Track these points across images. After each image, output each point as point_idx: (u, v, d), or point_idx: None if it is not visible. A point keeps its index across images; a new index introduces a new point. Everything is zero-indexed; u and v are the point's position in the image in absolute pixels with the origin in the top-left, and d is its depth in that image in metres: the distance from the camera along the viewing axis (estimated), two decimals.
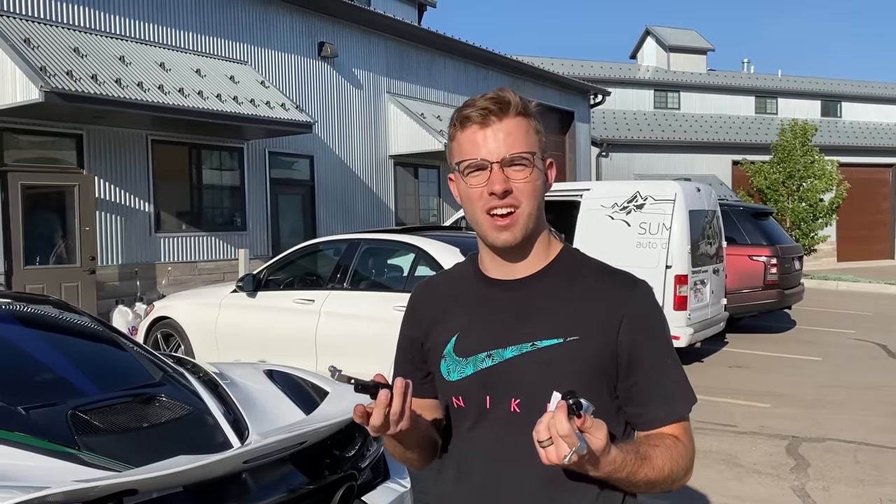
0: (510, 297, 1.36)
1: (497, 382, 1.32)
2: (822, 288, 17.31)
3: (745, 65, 33.54)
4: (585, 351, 1.29)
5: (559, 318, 1.31)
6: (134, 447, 2.47)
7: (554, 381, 1.25)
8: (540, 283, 1.36)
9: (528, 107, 1.35)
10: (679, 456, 1.28)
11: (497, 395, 1.32)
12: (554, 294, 1.34)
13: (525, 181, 1.31)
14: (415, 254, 6.26)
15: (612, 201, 8.43)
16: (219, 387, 2.97)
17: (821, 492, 4.67)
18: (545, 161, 1.37)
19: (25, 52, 8.81)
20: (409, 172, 16.21)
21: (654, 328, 1.34)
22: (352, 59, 14.64)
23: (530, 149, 1.32)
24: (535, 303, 1.34)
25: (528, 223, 1.33)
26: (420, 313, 1.49)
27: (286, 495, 2.46)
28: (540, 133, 1.35)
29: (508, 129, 1.31)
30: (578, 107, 22.55)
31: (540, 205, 1.35)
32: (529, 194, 1.32)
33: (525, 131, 1.32)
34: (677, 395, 1.34)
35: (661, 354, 1.34)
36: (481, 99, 1.32)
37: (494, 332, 1.34)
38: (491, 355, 1.33)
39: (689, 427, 1.35)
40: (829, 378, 8.04)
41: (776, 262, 10.47)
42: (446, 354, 1.39)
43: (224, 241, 12.19)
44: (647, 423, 1.32)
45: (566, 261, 1.39)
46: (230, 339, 6.79)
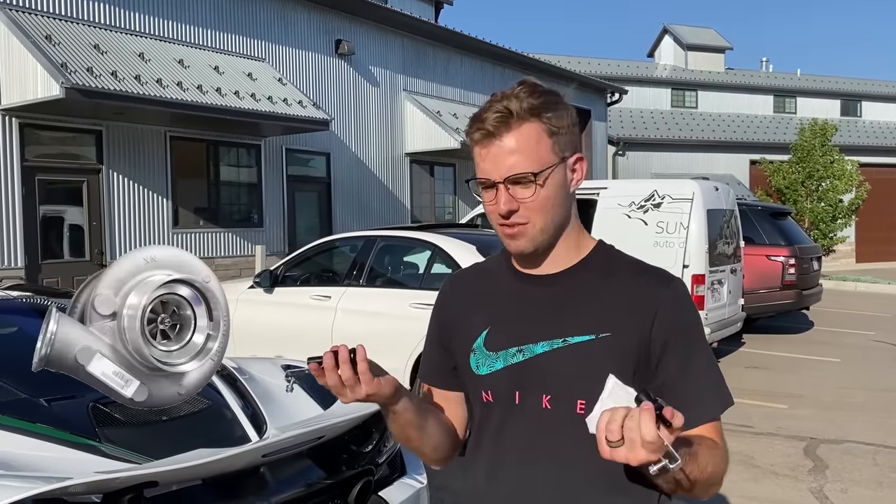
0: (542, 293, 1.34)
1: (527, 378, 1.30)
2: (840, 289, 17.15)
3: (764, 63, 33.28)
4: (618, 348, 1.26)
5: (591, 314, 1.29)
6: (153, 440, 2.49)
7: (585, 378, 1.24)
8: (572, 278, 1.33)
9: (543, 102, 1.26)
10: (719, 458, 1.24)
11: (527, 390, 1.31)
12: (586, 290, 1.31)
13: (531, 199, 1.26)
14: (431, 251, 6.27)
15: (630, 200, 8.39)
16: (237, 381, 2.99)
17: (839, 494, 4.63)
18: (566, 160, 1.29)
19: (47, 49, 8.90)
20: (425, 170, 16.21)
21: (686, 327, 1.30)
22: (368, 56, 14.66)
23: (538, 161, 1.25)
24: (568, 298, 1.32)
25: (540, 236, 1.30)
26: (450, 305, 1.47)
27: (304, 490, 2.48)
28: (558, 132, 1.27)
29: (512, 146, 1.25)
30: (595, 105, 22.46)
31: (557, 212, 1.30)
32: (538, 210, 1.28)
33: (533, 140, 1.26)
34: (709, 395, 1.29)
35: (694, 353, 1.29)
36: (488, 112, 1.27)
37: (525, 327, 1.32)
38: (521, 350, 1.31)
39: (722, 429, 1.31)
40: (848, 380, 7.97)
41: (794, 263, 10.39)
42: (476, 348, 1.37)
43: (241, 238, 12.26)
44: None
45: (600, 257, 1.36)
46: (247, 334, 6.83)
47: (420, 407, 1.39)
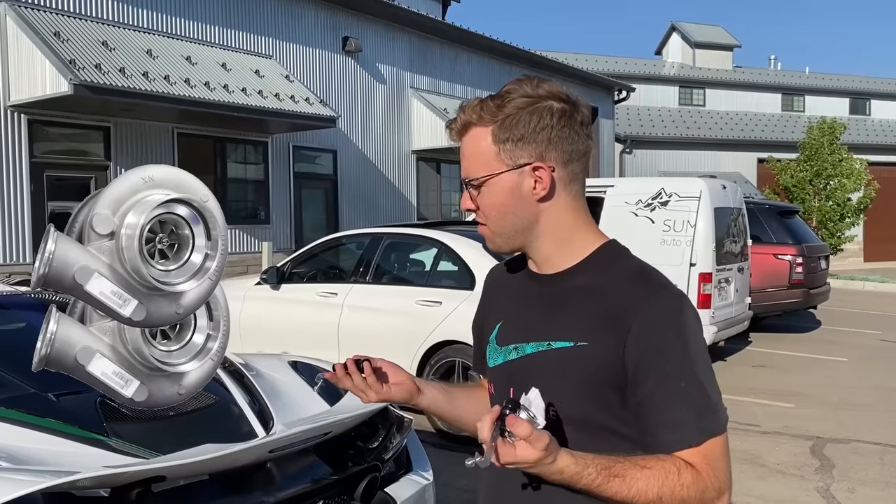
0: (541, 292, 1.34)
1: (517, 376, 1.32)
2: (848, 288, 17.07)
3: (772, 61, 33.15)
4: (591, 359, 1.22)
5: (575, 319, 1.26)
6: (161, 435, 2.50)
7: (561, 383, 1.24)
8: (570, 280, 1.31)
9: (495, 111, 1.25)
10: (680, 484, 1.15)
11: (518, 388, 1.30)
12: (577, 294, 1.29)
13: (483, 201, 1.31)
14: (437, 248, 6.27)
15: (637, 198, 8.36)
16: (244, 377, 3.00)
17: (846, 493, 4.61)
18: (520, 167, 1.25)
19: (55, 46, 8.93)
20: (432, 167, 16.21)
21: (665, 344, 1.20)
22: (376, 53, 14.66)
23: (484, 167, 1.27)
24: (560, 300, 1.30)
25: (497, 239, 1.33)
26: (486, 296, 1.53)
27: (310, 485, 2.48)
28: (508, 140, 1.24)
29: (464, 151, 1.32)
30: (602, 103, 22.41)
31: (509, 219, 1.29)
32: (489, 212, 1.31)
33: (480, 146, 1.28)
34: (688, 421, 1.19)
35: (672, 375, 1.19)
36: (451, 119, 1.35)
37: (523, 326, 1.34)
38: (517, 348, 1.34)
39: (719, 454, 1.21)
40: (855, 379, 7.94)
41: (802, 262, 10.34)
42: (490, 340, 1.42)
43: (248, 234, 12.29)
44: (655, 448, 1.20)
45: (601, 258, 1.31)
46: (253, 330, 6.84)
47: (452, 398, 1.53)
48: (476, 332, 1.54)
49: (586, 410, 1.24)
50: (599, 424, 1.24)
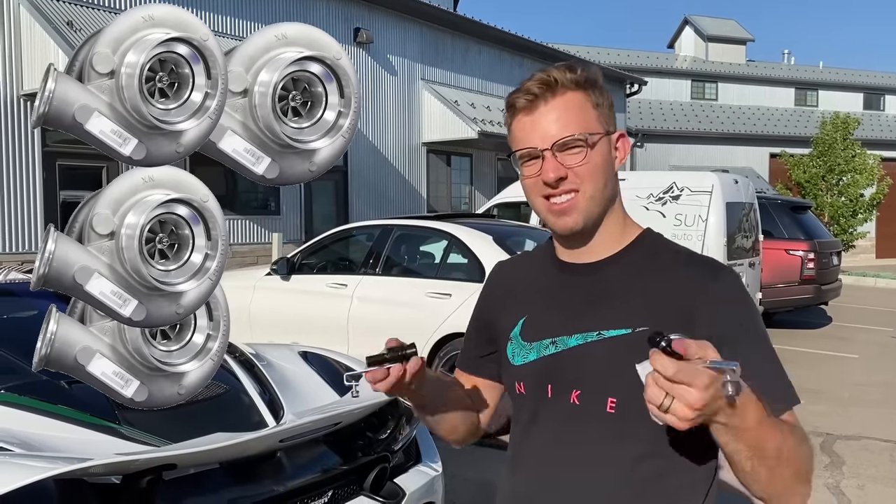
0: (581, 282, 1.28)
1: (559, 371, 1.24)
2: (859, 284, 16.97)
3: (786, 56, 32.91)
4: None
5: (630, 306, 1.21)
6: (172, 424, 2.51)
7: (618, 374, 1.15)
8: (613, 267, 1.26)
9: (585, 77, 1.24)
10: (798, 438, 1.09)
11: (558, 384, 1.24)
12: (627, 281, 1.24)
13: (582, 164, 1.21)
14: (448, 241, 6.27)
15: (648, 192, 8.34)
16: (254, 367, 3.01)
17: (855, 490, 4.59)
18: (611, 134, 1.25)
19: (68, 35, 8.96)
20: (442, 160, 16.19)
21: (736, 322, 1.18)
22: (387, 45, 14.63)
23: (586, 127, 1.22)
24: (607, 289, 1.25)
25: (590, 206, 1.24)
26: (494, 292, 1.44)
27: (320, 475, 2.50)
28: (601, 106, 1.24)
29: (558, 112, 1.21)
30: (614, 96, 21.94)
31: (606, 184, 1.25)
32: (589, 176, 1.22)
33: (578, 108, 1.22)
34: (779, 388, 1.16)
35: (756, 345, 1.18)
36: (530, 81, 1.24)
37: (561, 318, 1.26)
38: (555, 342, 1.25)
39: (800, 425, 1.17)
40: (866, 376, 7.90)
41: (813, 257, 10.28)
42: (512, 337, 1.33)
43: (258, 225, 12.31)
44: None
45: (644, 245, 1.29)
46: (264, 321, 6.86)
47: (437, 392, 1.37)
48: (480, 330, 1.44)
49: None
50: None
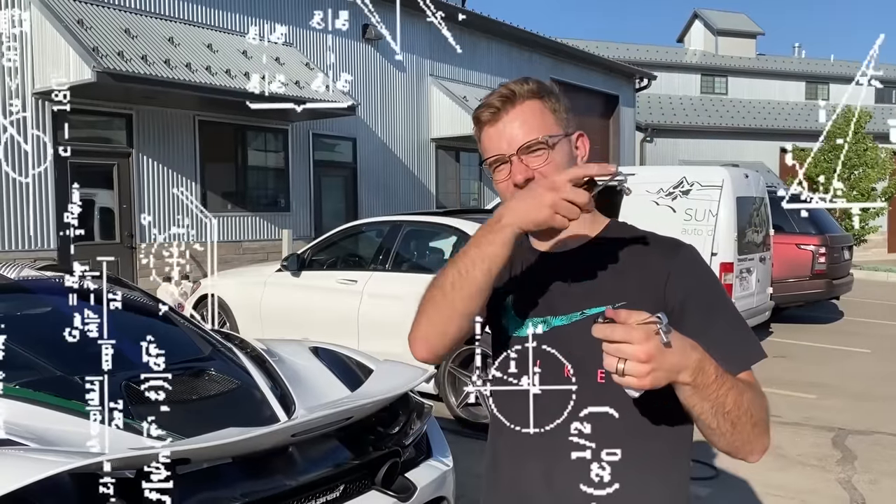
0: (559, 267, 1.38)
1: (548, 349, 1.32)
2: (871, 279, 16.87)
3: (796, 49, 32.70)
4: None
5: (606, 285, 1.33)
6: (185, 418, 2.53)
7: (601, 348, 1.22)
8: (587, 253, 1.38)
9: (540, 87, 1.37)
10: (758, 397, 1.26)
11: (548, 361, 1.30)
12: (600, 263, 1.36)
13: (546, 164, 1.33)
14: (457, 237, 6.26)
15: (658, 187, 8.30)
16: (266, 362, 3.02)
17: (868, 485, 4.57)
18: (571, 135, 1.38)
19: (79, 33, 9.00)
20: (451, 156, 16.18)
21: (701, 287, 1.34)
22: (396, 41, 14.61)
23: (546, 130, 1.34)
24: (583, 272, 1.35)
25: None
26: None
27: (332, 469, 2.51)
28: (558, 111, 1.37)
29: (519, 120, 1.35)
30: (623, 91, 22.22)
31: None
32: (552, 174, 1.27)
33: (538, 114, 1.35)
34: (736, 350, 1.30)
35: (714, 311, 1.32)
36: (491, 97, 1.38)
37: (544, 301, 1.36)
38: (545, 321, 1.35)
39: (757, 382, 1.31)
40: (878, 371, 7.85)
41: (824, 252, 10.22)
42: (507, 306, 1.41)
43: (268, 222, 12.35)
44: None
45: (614, 232, 1.42)
46: (274, 317, 6.89)
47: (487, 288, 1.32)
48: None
49: None
50: None
